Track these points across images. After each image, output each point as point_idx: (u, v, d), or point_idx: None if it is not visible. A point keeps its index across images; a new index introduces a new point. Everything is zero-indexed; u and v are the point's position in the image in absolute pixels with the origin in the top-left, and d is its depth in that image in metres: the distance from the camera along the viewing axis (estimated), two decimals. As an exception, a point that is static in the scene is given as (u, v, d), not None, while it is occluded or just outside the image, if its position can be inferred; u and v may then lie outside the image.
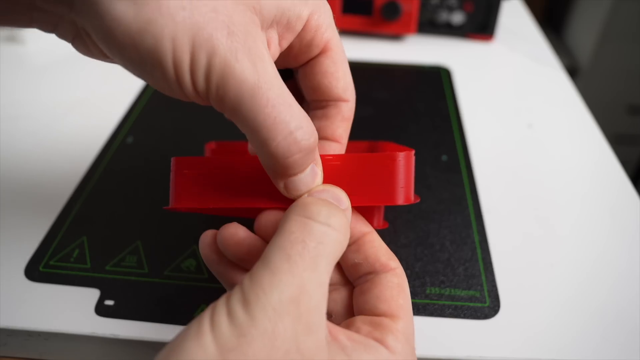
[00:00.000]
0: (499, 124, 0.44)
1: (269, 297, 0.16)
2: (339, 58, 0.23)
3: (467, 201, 0.35)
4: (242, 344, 0.15)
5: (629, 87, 1.20)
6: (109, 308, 0.28)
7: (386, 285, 0.21)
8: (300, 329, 0.16)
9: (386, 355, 0.18)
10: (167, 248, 0.31)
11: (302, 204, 0.19)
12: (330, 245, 0.18)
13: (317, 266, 0.17)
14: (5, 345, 0.28)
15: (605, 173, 0.39)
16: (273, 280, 0.16)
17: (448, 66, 0.52)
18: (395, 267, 0.21)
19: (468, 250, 0.32)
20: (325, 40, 0.22)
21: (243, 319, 0.16)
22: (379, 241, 0.22)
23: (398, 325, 0.20)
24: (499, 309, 0.28)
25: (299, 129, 0.19)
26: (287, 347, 0.16)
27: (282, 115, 0.18)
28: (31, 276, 0.29)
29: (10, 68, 0.50)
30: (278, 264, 0.17)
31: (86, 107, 0.44)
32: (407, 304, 0.21)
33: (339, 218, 0.19)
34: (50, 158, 0.38)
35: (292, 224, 0.18)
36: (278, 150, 0.19)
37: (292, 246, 0.17)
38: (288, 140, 0.19)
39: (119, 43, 0.17)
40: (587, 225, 0.34)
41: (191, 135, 0.41)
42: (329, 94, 0.23)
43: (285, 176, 0.20)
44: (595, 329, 0.28)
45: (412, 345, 0.20)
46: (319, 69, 0.23)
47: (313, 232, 0.18)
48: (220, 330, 0.16)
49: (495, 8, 0.55)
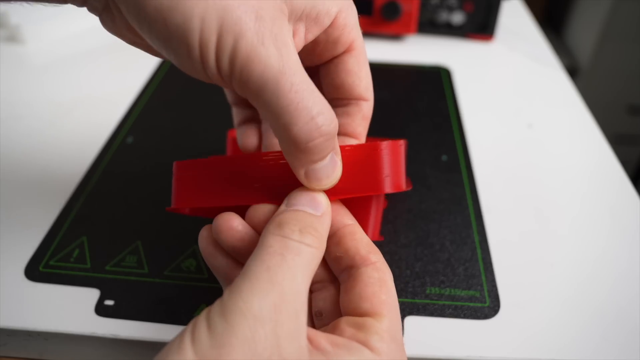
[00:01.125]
0: (499, 124, 0.44)
1: (248, 305, 0.16)
2: (363, 58, 0.24)
3: (467, 201, 0.35)
4: (222, 354, 0.15)
5: (629, 87, 1.20)
6: (109, 308, 0.28)
7: (367, 281, 0.21)
8: (282, 335, 0.16)
9: (370, 357, 0.18)
10: (167, 248, 0.31)
11: (277, 222, 0.20)
12: (307, 257, 0.19)
13: (295, 276, 0.18)
14: (5, 345, 0.28)
15: (605, 173, 0.39)
16: (253, 289, 0.17)
17: (448, 66, 0.52)
18: (376, 260, 0.21)
19: (468, 250, 0.32)
20: (351, 39, 0.23)
21: (222, 328, 0.16)
22: (360, 234, 0.22)
23: (382, 325, 0.19)
24: (499, 309, 0.28)
25: (321, 114, 0.19)
26: (269, 353, 0.16)
27: (305, 100, 0.18)
28: (31, 276, 0.29)
29: (10, 68, 0.50)
30: (257, 274, 0.17)
31: (86, 107, 0.44)
32: (391, 299, 0.21)
33: (313, 234, 0.19)
34: (50, 158, 0.39)
35: (270, 239, 0.19)
36: (300, 135, 0.19)
37: (271, 258, 0.18)
38: (310, 125, 0.19)
39: (150, 17, 0.17)
40: (587, 225, 0.34)
41: (191, 135, 0.41)
42: (352, 92, 0.24)
43: (306, 163, 0.20)
44: (595, 329, 0.28)
45: (398, 342, 0.20)
46: (343, 67, 0.24)
47: (290, 247, 0.18)
48: (200, 343, 0.16)
49: (495, 8, 0.55)
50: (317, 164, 0.20)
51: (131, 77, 0.49)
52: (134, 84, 0.48)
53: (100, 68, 0.51)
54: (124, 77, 0.49)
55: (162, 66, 0.50)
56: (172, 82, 0.48)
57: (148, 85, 0.47)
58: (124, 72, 0.50)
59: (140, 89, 0.47)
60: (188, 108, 0.44)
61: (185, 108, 0.44)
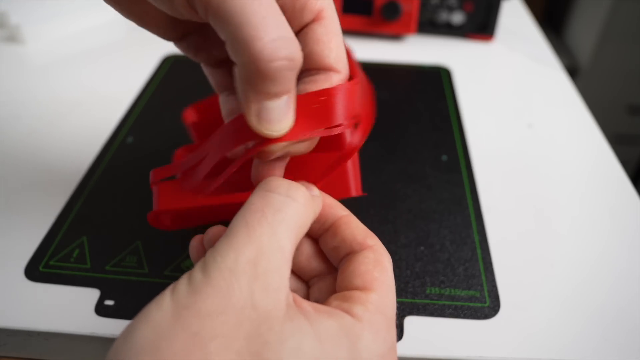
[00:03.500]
0: (499, 124, 0.44)
1: (224, 259, 0.17)
2: (332, 28, 0.22)
3: (467, 201, 0.35)
4: (197, 300, 0.16)
5: (629, 87, 1.20)
6: (109, 308, 0.28)
7: (362, 261, 0.21)
8: (256, 289, 0.17)
9: (350, 322, 0.18)
10: (167, 248, 0.31)
11: (266, 181, 0.20)
12: (290, 213, 0.19)
13: (275, 232, 0.18)
14: (5, 345, 0.28)
15: (605, 173, 0.39)
16: (230, 244, 0.17)
17: (448, 66, 0.52)
18: (373, 244, 0.22)
19: (468, 250, 0.32)
20: (319, 7, 0.22)
21: (199, 279, 0.17)
22: (355, 222, 0.22)
23: (369, 297, 0.19)
24: (499, 308, 0.28)
25: (286, 38, 0.18)
26: (242, 304, 0.16)
27: (271, 17, 0.17)
28: (31, 276, 0.29)
29: (10, 68, 0.50)
30: (236, 230, 0.18)
31: (86, 107, 0.44)
32: (385, 277, 0.21)
33: (301, 191, 0.20)
34: (50, 158, 0.39)
35: (254, 197, 0.19)
36: (264, 51, 0.17)
37: (251, 215, 0.18)
38: (276, 43, 0.17)
39: None
40: (587, 225, 0.34)
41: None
42: (321, 62, 0.22)
43: (261, 95, 0.18)
44: (595, 329, 0.28)
45: (387, 316, 0.19)
46: (312, 35, 0.22)
47: (272, 203, 0.19)
48: (177, 292, 0.17)
49: (495, 8, 0.55)
50: (271, 101, 0.19)
51: (131, 77, 0.49)
52: (134, 83, 0.48)
53: (100, 68, 0.51)
54: (124, 77, 0.49)
55: (162, 66, 0.50)
56: (172, 82, 0.48)
57: (148, 85, 0.47)
58: (124, 72, 0.50)
59: (141, 88, 0.47)
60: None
61: (185, 108, 0.44)
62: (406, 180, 0.37)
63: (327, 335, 0.17)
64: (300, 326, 0.17)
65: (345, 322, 0.18)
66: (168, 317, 0.16)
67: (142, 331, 0.16)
